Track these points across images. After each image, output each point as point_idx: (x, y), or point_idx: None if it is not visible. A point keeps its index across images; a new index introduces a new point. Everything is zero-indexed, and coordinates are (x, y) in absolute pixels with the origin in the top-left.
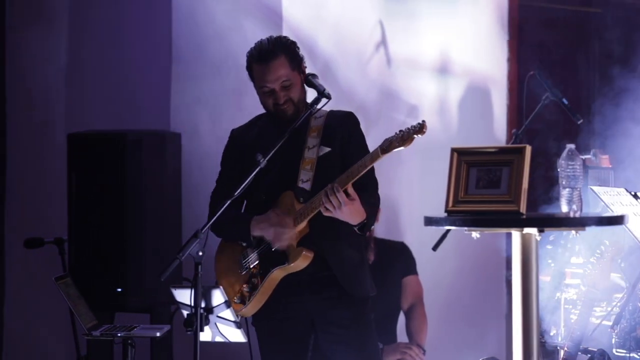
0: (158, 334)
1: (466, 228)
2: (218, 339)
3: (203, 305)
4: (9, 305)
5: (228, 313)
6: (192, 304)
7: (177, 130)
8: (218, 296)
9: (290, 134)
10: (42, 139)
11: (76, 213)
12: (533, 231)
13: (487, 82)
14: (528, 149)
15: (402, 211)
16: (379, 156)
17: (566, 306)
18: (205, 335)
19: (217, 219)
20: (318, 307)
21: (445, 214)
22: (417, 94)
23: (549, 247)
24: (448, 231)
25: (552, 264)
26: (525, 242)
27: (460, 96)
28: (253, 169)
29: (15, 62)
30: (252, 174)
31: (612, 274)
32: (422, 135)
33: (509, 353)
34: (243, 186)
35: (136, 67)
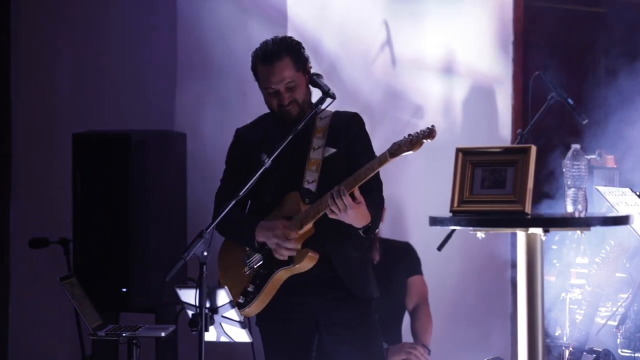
0: (163, 334)
1: (471, 228)
2: (223, 339)
3: (208, 305)
4: (14, 305)
5: (233, 313)
6: (197, 304)
7: (182, 130)
8: (223, 296)
9: (295, 135)
10: (47, 139)
11: (81, 213)
12: (538, 231)
13: (492, 82)
14: (533, 149)
15: (407, 211)
16: (387, 160)
17: (571, 306)
18: (210, 335)
19: (222, 219)
20: (323, 308)
21: (450, 214)
22: (422, 94)
23: (554, 247)
24: (453, 231)
25: (557, 264)
26: (530, 242)
27: (465, 96)
28: (258, 169)
29: (20, 62)
30: (257, 174)
31: (617, 274)
32: (432, 140)
33: (514, 353)
34: (248, 186)
35: (141, 68)
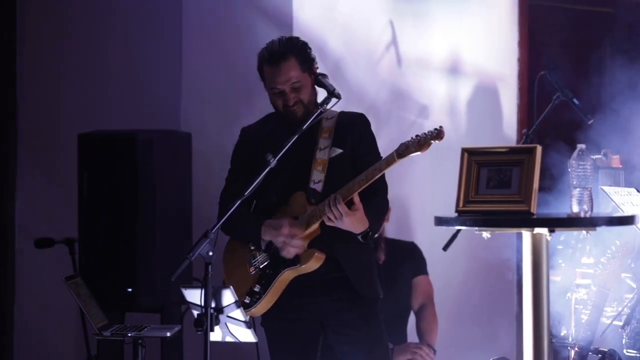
0: (168, 334)
1: (477, 228)
2: (228, 339)
3: (213, 305)
4: (20, 305)
5: (238, 313)
6: (203, 304)
7: (187, 130)
8: (228, 296)
9: (300, 135)
10: (53, 139)
11: (86, 213)
12: (544, 231)
13: (498, 82)
14: (538, 149)
15: (413, 211)
16: (395, 160)
17: (577, 306)
18: (215, 335)
19: (228, 219)
20: (329, 308)
21: (455, 214)
22: (428, 94)
23: (560, 247)
24: (458, 231)
25: (563, 264)
26: (535, 242)
27: (470, 96)
28: (263, 169)
29: (26, 62)
30: (263, 174)
31: (623, 274)
32: (439, 141)
33: (520, 353)
34: (253, 186)
35: (146, 67)
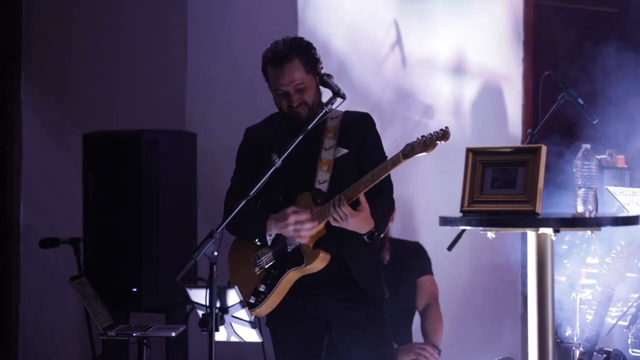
0: (173, 334)
1: (481, 228)
2: (233, 339)
3: (218, 305)
4: (25, 305)
5: (243, 313)
6: (208, 304)
7: (193, 130)
8: (233, 296)
9: (305, 135)
10: (58, 139)
11: (91, 213)
12: (548, 231)
13: (503, 82)
14: (543, 149)
15: (418, 211)
16: (400, 161)
17: (582, 306)
18: (220, 335)
19: (233, 219)
20: (334, 308)
21: (460, 214)
22: (433, 94)
23: (565, 247)
24: (463, 231)
25: (568, 264)
26: (540, 242)
27: (475, 96)
28: (268, 169)
29: (31, 62)
30: (268, 174)
31: (628, 274)
32: (445, 142)
33: (525, 353)
34: (258, 186)
35: (152, 67)
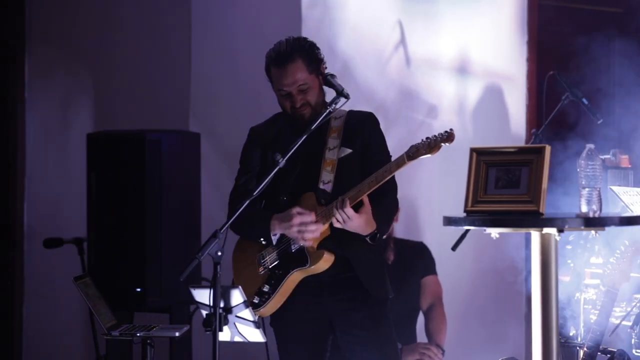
0: (177, 334)
1: (485, 228)
2: (237, 339)
3: (222, 305)
4: (28, 305)
5: (247, 313)
6: (211, 304)
7: (196, 130)
8: (237, 296)
9: (309, 135)
10: (61, 139)
11: (95, 213)
12: (552, 231)
13: (507, 82)
14: (547, 149)
15: (421, 211)
16: (405, 163)
17: (585, 306)
18: (224, 335)
19: (237, 218)
20: (337, 309)
21: (464, 214)
22: (437, 94)
23: (569, 247)
24: (467, 231)
25: (572, 264)
26: (544, 242)
27: (479, 96)
28: (272, 169)
29: (35, 62)
30: (271, 174)
31: (632, 274)
32: (450, 143)
33: (528, 353)
34: (262, 186)
35: (155, 67)
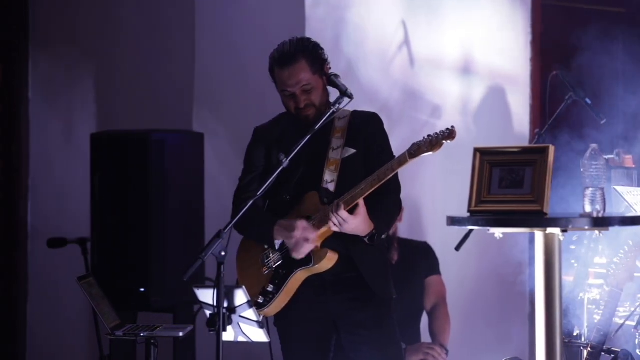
0: (181, 334)
1: (489, 228)
2: (241, 339)
3: (226, 305)
4: (32, 305)
5: (251, 313)
6: (215, 304)
7: (200, 130)
8: (241, 296)
9: (313, 135)
10: (65, 139)
11: (99, 213)
12: (556, 231)
13: (510, 82)
14: (551, 149)
15: (425, 211)
16: (407, 161)
17: (589, 306)
18: (228, 335)
19: (241, 219)
20: (341, 308)
21: (468, 214)
22: (440, 94)
23: (573, 247)
24: (471, 231)
25: (576, 264)
26: (548, 242)
27: (483, 96)
28: (276, 169)
29: (38, 62)
30: (275, 174)
31: (636, 274)
32: (451, 141)
33: (532, 353)
34: (266, 186)
35: (159, 67)
